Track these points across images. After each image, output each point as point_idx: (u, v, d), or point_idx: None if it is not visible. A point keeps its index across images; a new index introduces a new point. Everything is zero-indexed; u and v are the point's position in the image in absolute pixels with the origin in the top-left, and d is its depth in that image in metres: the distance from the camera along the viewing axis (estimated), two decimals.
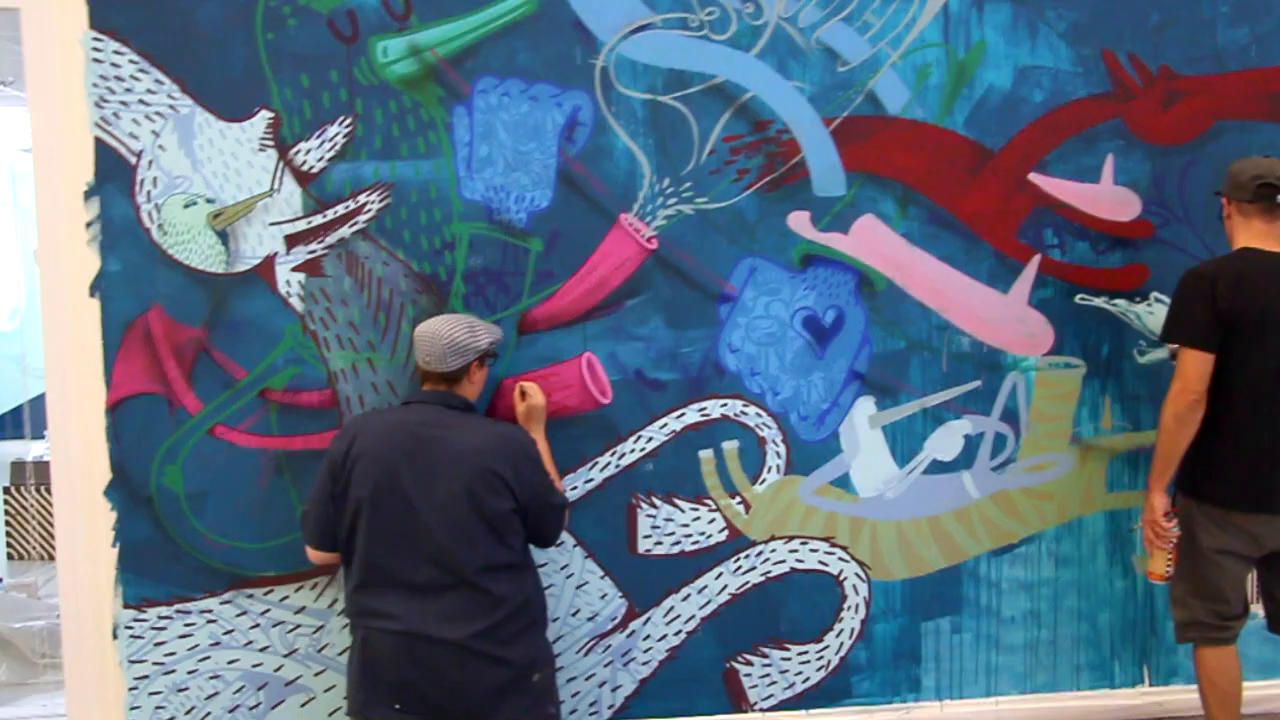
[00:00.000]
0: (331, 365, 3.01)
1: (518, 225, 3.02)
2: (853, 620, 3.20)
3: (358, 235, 2.98)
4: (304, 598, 3.05)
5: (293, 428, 3.01)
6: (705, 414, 3.11)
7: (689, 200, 3.06)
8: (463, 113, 2.98)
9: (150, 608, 3.02)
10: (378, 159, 2.97)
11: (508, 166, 3.00)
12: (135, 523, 3.00)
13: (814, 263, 3.11)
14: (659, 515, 3.12)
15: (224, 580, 3.03)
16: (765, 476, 3.14)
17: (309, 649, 3.07)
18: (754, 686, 3.20)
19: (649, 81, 3.02)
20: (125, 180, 2.93)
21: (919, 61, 3.08)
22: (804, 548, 3.17)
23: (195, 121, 2.92)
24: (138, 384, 2.98)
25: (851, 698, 3.22)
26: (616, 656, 3.15)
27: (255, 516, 3.01)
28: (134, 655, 3.02)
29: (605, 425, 3.08)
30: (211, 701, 3.05)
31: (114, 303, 2.95)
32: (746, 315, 3.10)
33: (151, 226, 2.94)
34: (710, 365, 3.10)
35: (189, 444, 2.99)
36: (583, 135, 3.02)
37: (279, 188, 2.96)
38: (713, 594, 3.16)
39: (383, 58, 2.95)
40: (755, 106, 3.05)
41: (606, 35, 3.00)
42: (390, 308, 3.01)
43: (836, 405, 3.15)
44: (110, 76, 2.90)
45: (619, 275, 3.06)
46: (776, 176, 3.08)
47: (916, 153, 3.10)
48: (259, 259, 2.97)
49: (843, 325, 3.14)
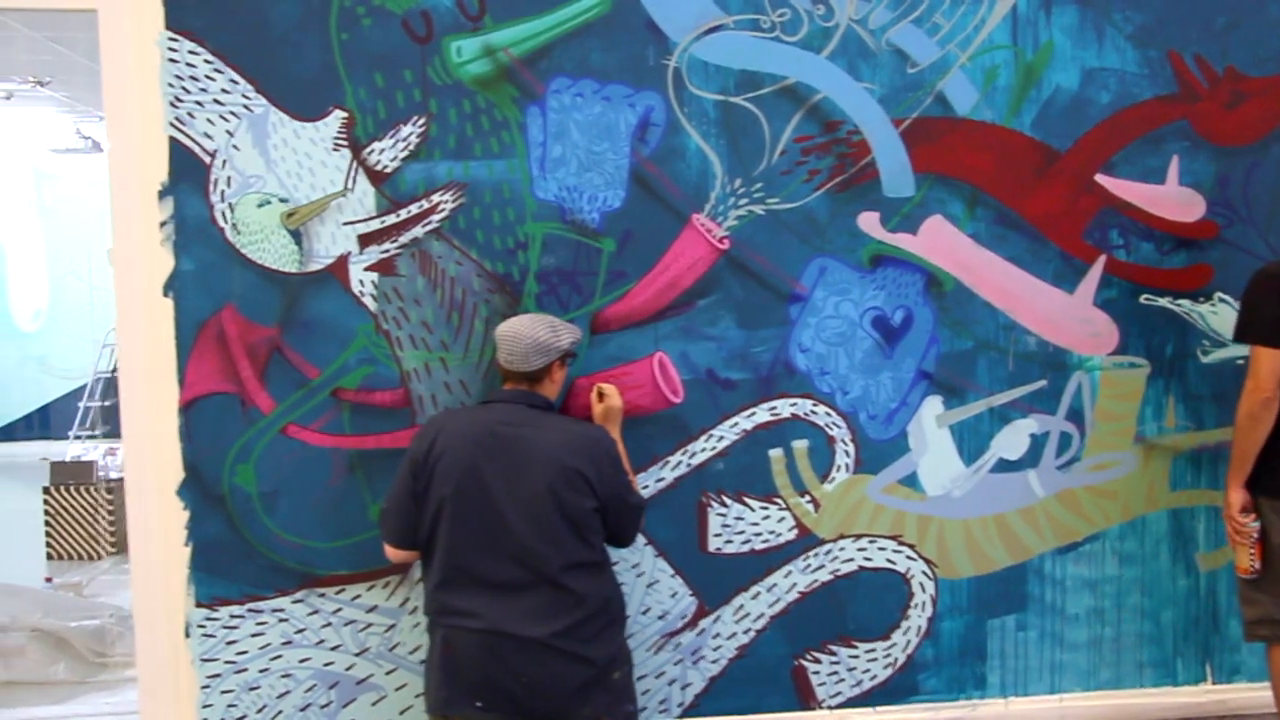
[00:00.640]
0: (404, 365, 3.01)
1: (590, 225, 3.03)
2: (919, 618, 3.22)
3: (431, 235, 2.99)
4: (376, 596, 3.06)
5: (365, 427, 3.01)
6: (775, 413, 3.13)
7: (760, 201, 3.08)
8: (536, 113, 2.99)
9: (222, 606, 3.02)
10: (451, 159, 2.98)
11: (581, 167, 3.01)
12: (208, 522, 3.00)
13: (883, 263, 3.13)
14: (729, 514, 3.14)
15: (296, 579, 3.03)
16: (834, 475, 3.16)
17: (380, 648, 3.07)
18: (822, 684, 3.21)
19: (721, 82, 3.04)
20: (199, 180, 2.93)
21: (987, 63, 3.10)
22: (872, 546, 3.19)
23: (269, 121, 2.93)
24: (211, 383, 2.98)
25: (918, 695, 3.24)
26: (686, 654, 3.16)
27: (327, 516, 3.02)
28: (206, 654, 3.02)
29: (676, 424, 3.10)
30: (283, 700, 3.06)
31: (188, 302, 2.95)
32: (817, 315, 3.12)
33: (225, 226, 2.94)
34: (781, 365, 3.12)
35: (261, 443, 3.00)
36: (655, 136, 3.03)
37: (352, 187, 2.97)
38: (782, 592, 3.17)
39: (457, 58, 2.96)
40: (826, 107, 3.07)
41: (679, 36, 3.01)
42: (463, 307, 3.01)
43: (905, 404, 3.17)
44: (185, 76, 2.90)
45: (691, 275, 3.07)
46: (847, 177, 3.10)
47: (984, 154, 3.12)
48: (332, 258, 2.98)
49: (911, 325, 3.16)
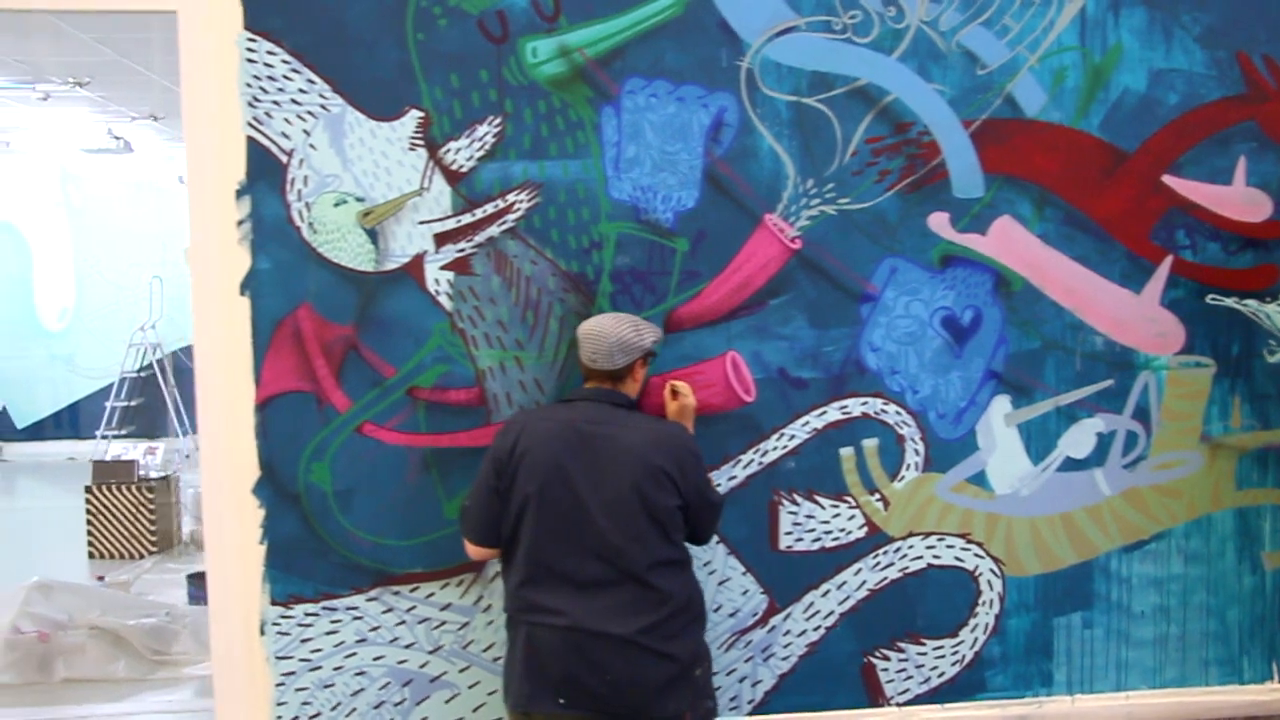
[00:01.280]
0: (479, 363, 3.03)
1: (664, 225, 3.04)
2: (987, 615, 3.24)
3: (506, 234, 3.00)
4: (450, 594, 3.07)
5: (440, 425, 3.03)
6: (846, 412, 3.15)
7: (832, 201, 3.10)
8: (611, 113, 3.01)
9: (297, 604, 3.03)
10: (527, 158, 2.99)
11: (655, 167, 3.03)
12: (283, 520, 3.01)
13: (953, 263, 3.15)
14: (800, 512, 3.15)
15: (370, 577, 3.04)
16: (904, 474, 3.18)
17: (454, 645, 3.08)
18: (890, 681, 3.23)
19: (793, 83, 3.05)
20: (276, 179, 2.94)
21: (1056, 65, 3.12)
22: (941, 544, 3.21)
23: (346, 121, 2.94)
24: (287, 382, 2.99)
25: (985, 692, 3.26)
26: (757, 652, 3.18)
27: (402, 514, 3.03)
28: (281, 652, 3.04)
29: (748, 423, 3.11)
30: (357, 698, 3.07)
31: (264, 301, 2.97)
32: (887, 315, 3.14)
33: (302, 225, 2.96)
34: (851, 364, 3.14)
35: (337, 441, 3.01)
36: (728, 136, 3.05)
37: (428, 186, 2.98)
38: (852, 590, 3.19)
39: (532, 58, 2.98)
40: (897, 109, 3.09)
41: (752, 37, 3.03)
42: (538, 306, 3.03)
43: (974, 404, 3.19)
44: (263, 77, 2.92)
45: (763, 275, 3.09)
46: (917, 178, 3.11)
47: (1052, 155, 3.14)
48: (408, 257, 2.99)
49: (980, 325, 3.17)
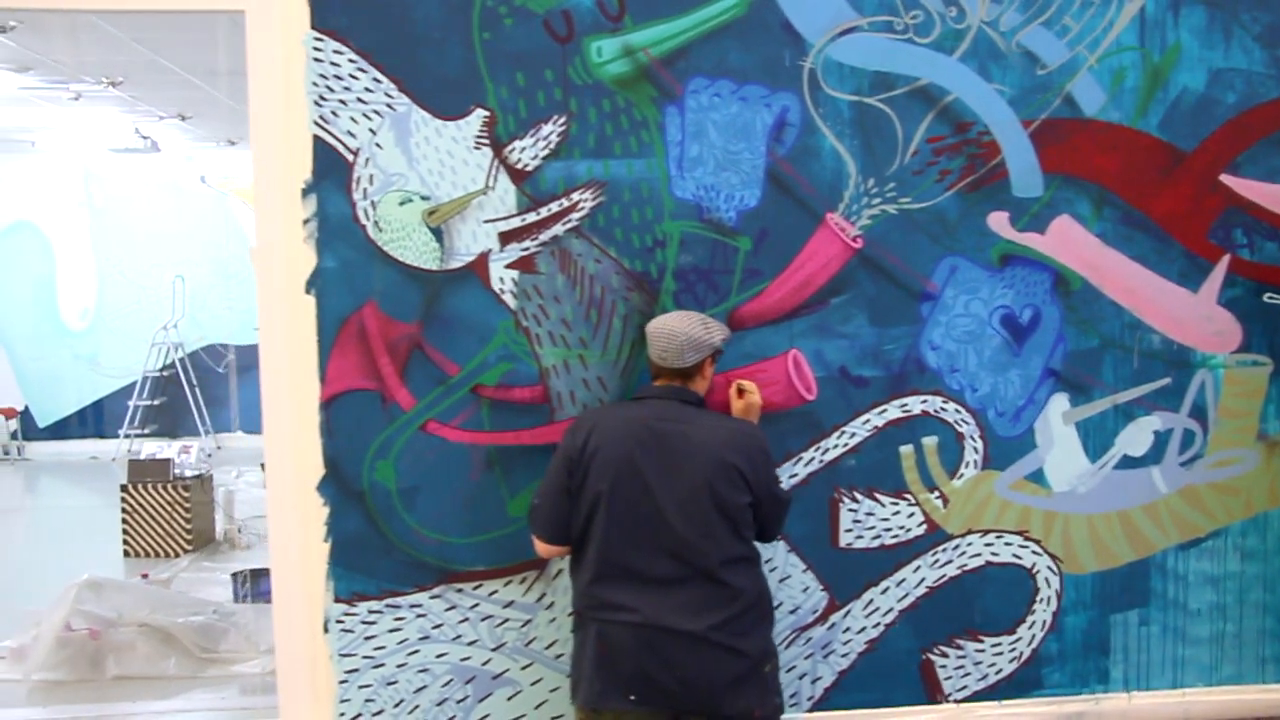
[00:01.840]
0: (543, 361, 3.04)
1: (727, 224, 3.06)
2: (1044, 612, 3.26)
3: (571, 233, 3.02)
4: (512, 592, 3.08)
5: (504, 423, 3.04)
6: (906, 410, 3.16)
7: (893, 200, 3.11)
8: (674, 113, 3.02)
9: (361, 602, 3.04)
10: (591, 157, 3.01)
11: (718, 166, 3.04)
12: (347, 518, 3.02)
13: (1012, 262, 3.17)
14: (860, 509, 3.17)
15: (434, 575, 3.05)
16: (963, 471, 3.19)
17: (516, 643, 3.10)
18: (948, 678, 3.24)
19: (855, 83, 3.07)
20: (342, 177, 2.95)
21: (1115, 65, 3.14)
22: (999, 541, 3.22)
23: (411, 119, 2.96)
24: (352, 380, 3.00)
25: (1042, 689, 3.27)
26: (816, 649, 3.19)
27: (465, 511, 3.05)
28: (344, 649, 3.05)
29: (810, 421, 3.13)
30: (420, 694, 3.08)
31: (329, 299, 2.98)
32: (947, 313, 3.15)
33: (367, 223, 2.97)
34: (912, 362, 3.15)
35: (401, 439, 3.02)
36: (791, 136, 3.06)
37: (493, 185, 2.99)
38: (911, 587, 3.20)
39: (597, 58, 2.99)
40: (957, 108, 3.10)
41: (815, 37, 3.05)
42: (602, 305, 3.04)
43: (1032, 402, 3.20)
44: (329, 75, 2.93)
45: (825, 274, 3.10)
46: (977, 177, 3.13)
47: (1111, 154, 3.16)
48: (473, 256, 3.00)
49: (1039, 323, 3.19)
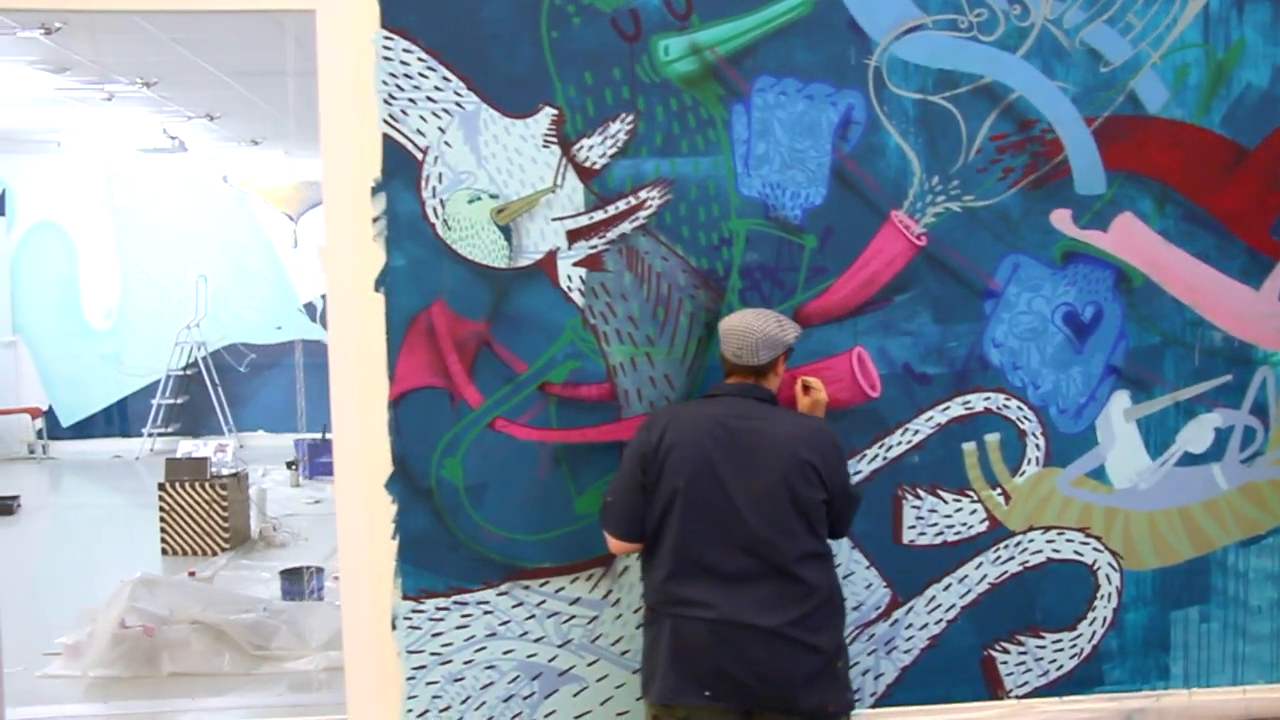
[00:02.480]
0: (611, 359, 3.05)
1: (793, 221, 3.07)
2: (1105, 609, 3.27)
3: (638, 231, 3.03)
4: (579, 589, 3.09)
5: (571, 421, 3.05)
6: (969, 407, 3.17)
7: (956, 198, 3.12)
8: (741, 111, 3.03)
9: (428, 599, 3.05)
10: (658, 156, 3.02)
11: (784, 164, 3.05)
12: (415, 515, 3.03)
13: (1074, 259, 3.18)
14: (923, 506, 3.18)
15: (501, 572, 3.07)
16: (1025, 468, 3.20)
17: (583, 639, 3.11)
18: (1010, 674, 3.25)
19: (920, 81, 3.08)
20: (411, 176, 2.97)
21: (1178, 62, 3.15)
22: (1060, 538, 3.23)
23: (480, 118, 2.97)
24: (420, 378, 3.02)
25: (1103, 685, 3.28)
26: (880, 645, 3.21)
27: (533, 509, 3.06)
28: (412, 646, 3.06)
29: (873, 418, 3.14)
30: (487, 691, 3.09)
31: (398, 298, 2.99)
32: (1010, 311, 3.17)
33: (436, 222, 2.98)
34: (975, 359, 3.16)
35: (469, 437, 3.04)
36: (856, 134, 3.07)
37: (561, 183, 3.01)
38: (973, 583, 3.22)
39: (664, 56, 3.00)
40: (1021, 106, 3.11)
41: (880, 36, 3.06)
42: (669, 302, 3.05)
43: (1094, 399, 3.21)
44: (399, 74, 2.94)
45: (889, 271, 3.11)
46: (1040, 175, 3.14)
47: (1174, 152, 3.17)
48: (541, 254, 3.02)
49: (1101, 320, 3.20)
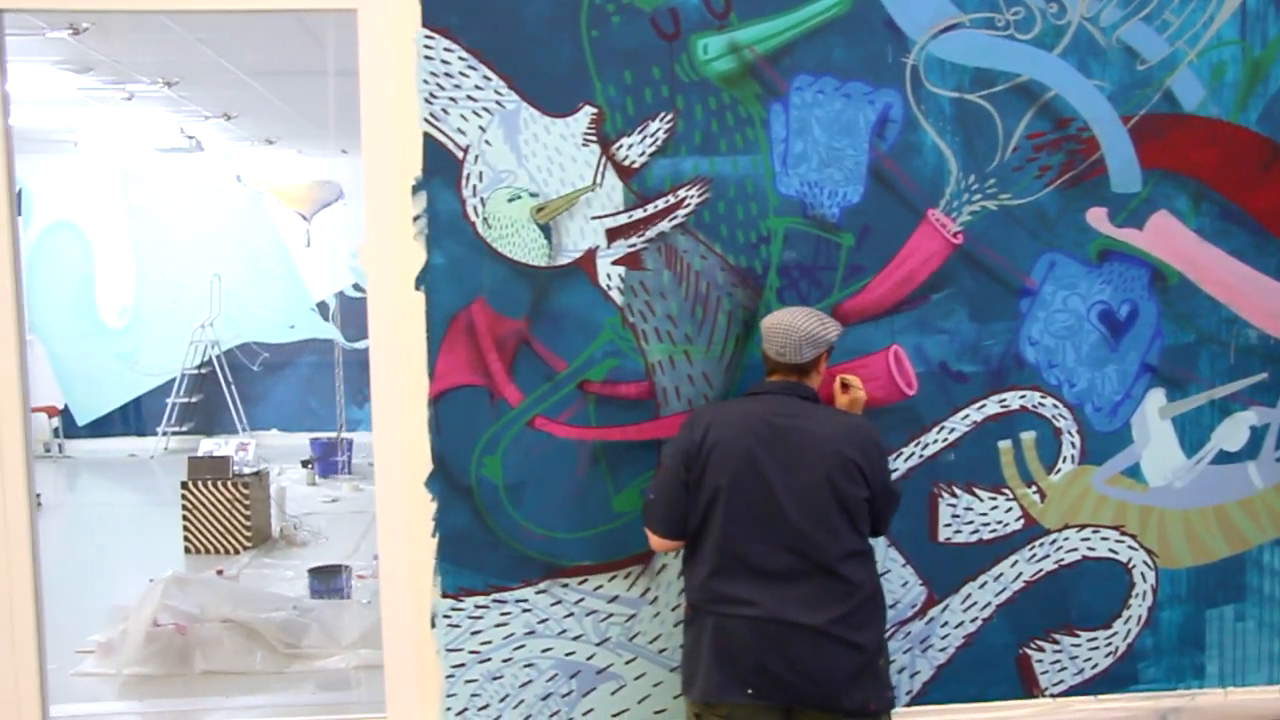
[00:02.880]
0: (650, 357, 3.06)
1: (830, 220, 3.08)
2: (1140, 607, 3.28)
3: (677, 229, 3.04)
4: (617, 587, 3.10)
5: (610, 419, 3.06)
6: (1005, 405, 3.18)
7: (993, 196, 3.13)
8: (779, 109, 3.04)
9: (468, 597, 3.06)
10: (697, 154, 3.03)
11: (821, 162, 3.06)
12: (455, 513, 3.05)
13: (1110, 257, 3.19)
14: (959, 504, 3.19)
15: (540, 570, 3.08)
16: (1060, 466, 3.21)
17: (621, 637, 3.12)
18: (1045, 672, 3.26)
19: (957, 80, 3.09)
20: (452, 175, 2.98)
21: (1215, 59, 3.15)
22: (1095, 536, 3.24)
23: (521, 117, 2.98)
24: (460, 376, 3.03)
25: (1138, 684, 3.29)
26: (915, 643, 3.21)
27: (572, 507, 3.07)
28: (451, 644, 3.07)
29: (910, 416, 3.15)
30: (525, 689, 3.10)
31: (439, 296, 3.00)
32: (1046, 309, 3.17)
33: (476, 220, 2.99)
34: (1010, 358, 3.17)
35: (509, 435, 3.04)
36: (893, 132, 3.08)
37: (601, 182, 3.02)
38: (1008, 581, 3.22)
39: (703, 55, 3.01)
40: (1057, 105, 3.12)
41: (917, 34, 3.06)
42: (707, 301, 3.06)
43: (1129, 397, 3.22)
44: (440, 73, 2.95)
45: (926, 270, 3.12)
46: (1076, 173, 3.15)
47: (1210, 150, 3.18)
48: (580, 252, 3.02)
49: (1136, 319, 3.21)
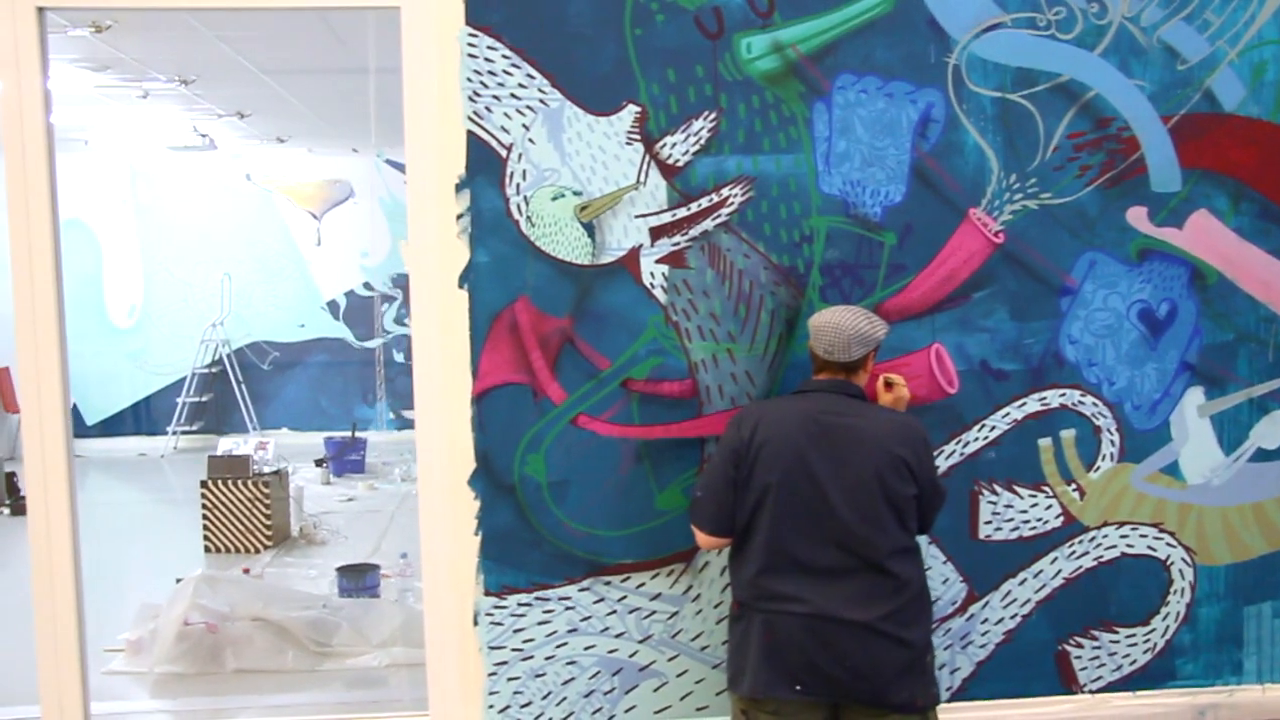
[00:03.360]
0: (693, 356, 3.06)
1: (872, 219, 3.09)
2: (1178, 604, 3.29)
3: (720, 228, 3.04)
4: (660, 584, 3.11)
5: (653, 417, 3.07)
6: (1045, 403, 3.19)
7: (1034, 195, 3.14)
8: (822, 109, 3.05)
9: (510, 595, 3.07)
10: (740, 153, 3.03)
11: (864, 162, 3.07)
12: (498, 511, 3.05)
13: (1150, 256, 3.20)
14: (999, 502, 3.20)
15: (583, 568, 3.08)
16: (1100, 464, 3.22)
17: (663, 635, 3.12)
18: (1083, 669, 3.27)
19: (999, 79, 3.10)
20: (495, 173, 2.98)
21: (1256, 59, 3.17)
22: (1134, 533, 3.25)
23: (564, 115, 2.98)
24: (503, 374, 3.03)
25: (1176, 680, 3.31)
26: (955, 640, 3.22)
27: (614, 505, 3.07)
28: (494, 641, 3.07)
29: (951, 414, 3.16)
30: (568, 687, 3.11)
31: (482, 294, 3.00)
32: (1086, 308, 3.18)
33: (520, 218, 2.99)
34: (1050, 356, 3.18)
35: (552, 433, 3.05)
36: (935, 131, 3.09)
37: (645, 181, 3.02)
38: (1048, 578, 3.23)
39: (747, 54, 3.01)
40: (1098, 104, 3.13)
41: (959, 34, 3.07)
42: (750, 299, 3.07)
43: (1168, 395, 3.23)
44: (483, 72, 2.95)
45: (967, 269, 3.13)
46: (1117, 173, 3.16)
47: (1249, 149, 3.19)
48: (624, 251, 3.03)
49: (1175, 317, 3.22)
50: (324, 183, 9.17)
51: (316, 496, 7.14)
